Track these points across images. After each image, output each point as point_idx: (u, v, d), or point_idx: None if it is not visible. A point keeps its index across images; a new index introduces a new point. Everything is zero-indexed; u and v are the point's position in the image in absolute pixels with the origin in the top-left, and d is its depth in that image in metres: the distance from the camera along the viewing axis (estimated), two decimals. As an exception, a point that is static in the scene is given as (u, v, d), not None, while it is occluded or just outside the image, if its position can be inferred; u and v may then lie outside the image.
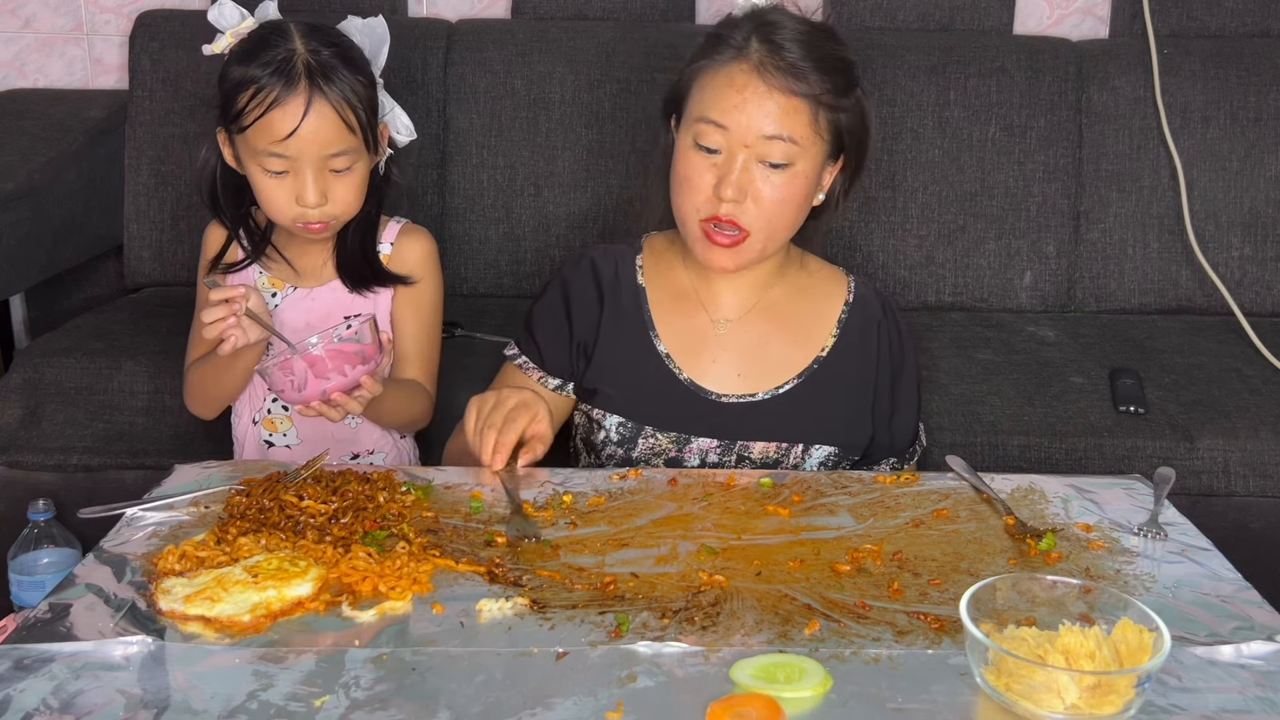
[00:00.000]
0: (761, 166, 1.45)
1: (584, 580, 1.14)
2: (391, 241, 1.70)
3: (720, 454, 1.55)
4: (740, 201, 1.45)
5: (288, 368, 1.41)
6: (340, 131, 1.54)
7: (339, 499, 1.25)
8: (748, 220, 1.46)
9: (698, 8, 2.66)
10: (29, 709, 0.93)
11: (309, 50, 1.54)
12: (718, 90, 1.45)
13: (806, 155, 1.46)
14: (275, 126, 1.52)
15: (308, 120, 1.52)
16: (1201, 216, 2.46)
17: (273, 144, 1.52)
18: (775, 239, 1.51)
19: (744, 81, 1.44)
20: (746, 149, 1.44)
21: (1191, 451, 1.97)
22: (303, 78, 1.52)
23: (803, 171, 1.47)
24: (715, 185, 1.45)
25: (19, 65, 2.73)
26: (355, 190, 1.60)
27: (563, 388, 1.59)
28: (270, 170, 1.55)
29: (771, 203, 1.46)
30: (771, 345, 1.58)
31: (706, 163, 1.47)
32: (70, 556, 1.77)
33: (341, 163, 1.56)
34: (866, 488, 1.37)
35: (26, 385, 2.05)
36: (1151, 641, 0.97)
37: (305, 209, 1.56)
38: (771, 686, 0.96)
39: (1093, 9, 2.69)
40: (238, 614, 1.05)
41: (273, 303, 1.67)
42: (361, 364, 1.43)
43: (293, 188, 1.55)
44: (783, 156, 1.45)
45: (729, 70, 1.45)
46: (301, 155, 1.53)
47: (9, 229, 2.15)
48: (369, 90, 1.59)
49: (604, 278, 1.60)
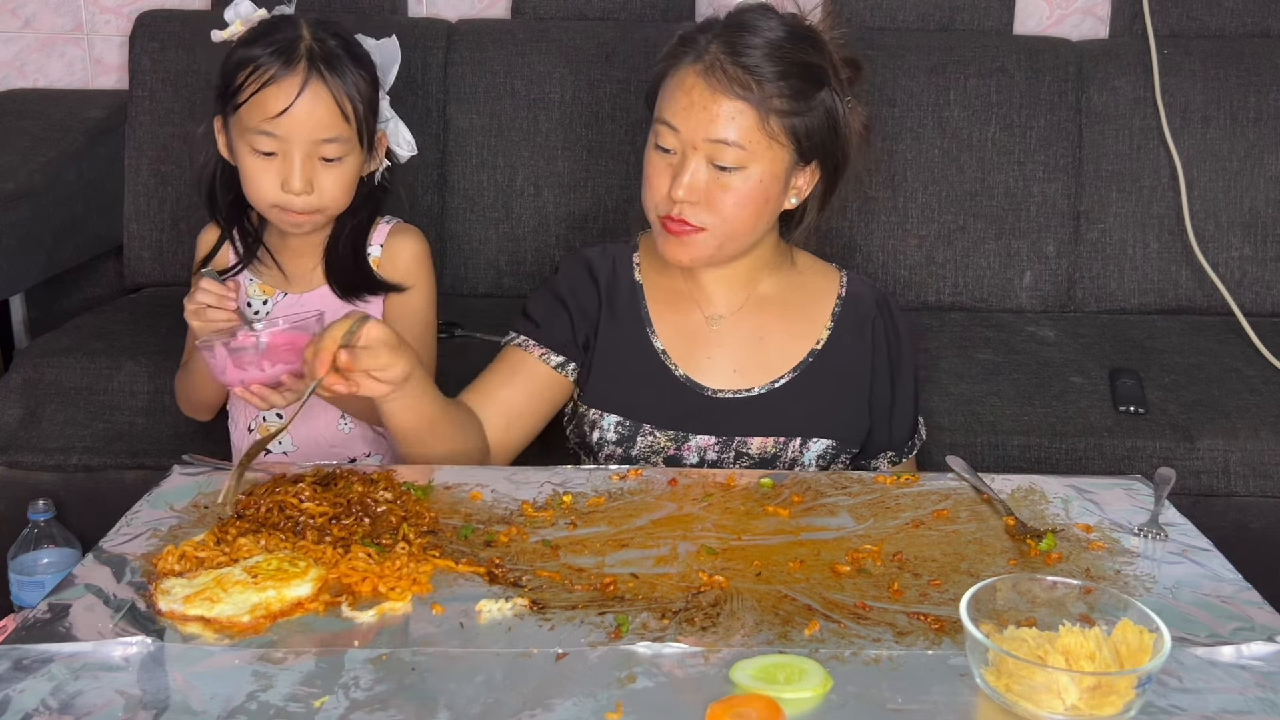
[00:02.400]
0: (711, 169, 1.46)
1: (584, 581, 1.14)
2: (381, 243, 1.68)
3: (719, 451, 1.55)
4: (693, 202, 1.47)
5: (210, 349, 1.40)
6: (334, 118, 1.54)
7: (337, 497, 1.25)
8: (699, 220, 1.48)
9: (698, 8, 2.66)
10: (28, 709, 0.93)
11: (314, 38, 1.54)
12: (671, 92, 1.48)
13: (760, 159, 1.46)
14: (268, 103, 1.51)
15: (302, 100, 1.51)
16: (1201, 216, 2.46)
17: (264, 121, 1.51)
18: (733, 239, 1.51)
19: (692, 84, 1.46)
20: (696, 150, 1.46)
21: (1191, 451, 1.97)
22: (303, 59, 1.52)
23: (757, 175, 1.47)
24: (670, 185, 1.47)
25: (19, 65, 2.73)
26: (343, 184, 1.58)
27: (564, 367, 1.58)
28: (259, 150, 1.54)
29: (724, 205, 1.47)
30: (766, 340, 1.59)
31: (664, 162, 1.49)
32: (70, 556, 1.77)
33: (332, 150, 1.55)
34: (866, 488, 1.37)
35: (26, 385, 2.05)
36: (1152, 642, 0.97)
37: (289, 195, 1.54)
38: (771, 687, 0.96)
39: (1093, 9, 2.69)
40: (237, 614, 1.05)
41: (264, 310, 1.67)
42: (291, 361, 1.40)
43: (279, 171, 1.54)
44: (733, 160, 1.46)
45: (682, 73, 1.47)
46: (291, 136, 1.52)
47: (9, 229, 2.15)
48: (370, 88, 1.59)
49: (602, 276, 1.60)
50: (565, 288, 1.60)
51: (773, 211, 1.53)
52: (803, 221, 1.59)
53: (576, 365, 1.58)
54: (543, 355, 1.57)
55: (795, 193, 1.54)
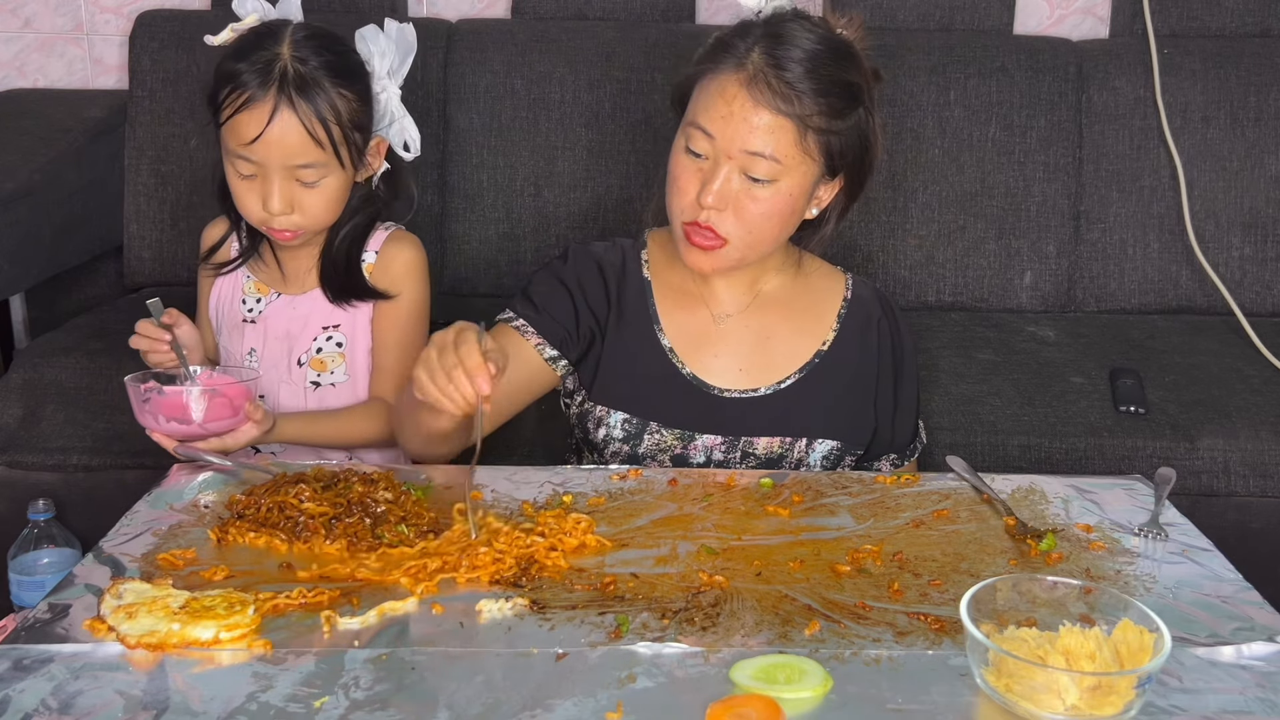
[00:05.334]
0: (744, 179, 1.45)
1: (584, 580, 1.14)
2: (377, 250, 1.68)
3: (725, 450, 1.55)
4: (721, 210, 1.45)
5: (133, 393, 1.44)
6: (305, 144, 1.53)
7: (337, 497, 1.25)
8: (726, 229, 1.47)
9: (698, 8, 2.66)
10: (28, 709, 0.93)
11: (294, 58, 1.53)
12: (710, 98, 1.46)
13: (792, 173, 1.46)
14: (242, 130, 1.52)
15: (271, 128, 1.51)
16: (1201, 216, 2.46)
17: (240, 146, 1.53)
18: (755, 249, 1.51)
19: (734, 93, 1.43)
20: (729, 160, 1.44)
21: (1191, 451, 1.97)
22: (275, 84, 1.52)
23: (787, 189, 1.46)
24: (699, 191, 1.46)
25: (19, 65, 2.73)
26: (325, 204, 1.59)
27: (555, 361, 1.56)
28: (240, 173, 1.56)
29: (752, 216, 1.46)
30: (772, 340, 1.59)
31: (694, 166, 1.47)
32: (70, 556, 1.77)
33: (309, 175, 1.56)
34: (867, 488, 1.37)
35: (26, 385, 2.05)
36: (1152, 642, 0.97)
37: (270, 215, 1.56)
38: (771, 687, 0.96)
39: (1093, 9, 2.69)
40: (130, 634, 1.02)
41: (257, 308, 1.68)
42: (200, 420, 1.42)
43: (260, 191, 1.56)
44: (766, 173, 1.44)
45: (723, 79, 1.45)
46: (267, 162, 1.54)
47: (9, 229, 2.15)
48: (354, 105, 1.58)
49: (611, 271, 1.59)
50: (573, 277, 1.58)
51: (795, 223, 1.53)
52: (819, 230, 1.58)
53: (569, 363, 1.57)
54: (538, 345, 1.55)
55: (816, 203, 1.54)
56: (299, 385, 1.68)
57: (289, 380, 1.68)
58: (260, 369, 1.66)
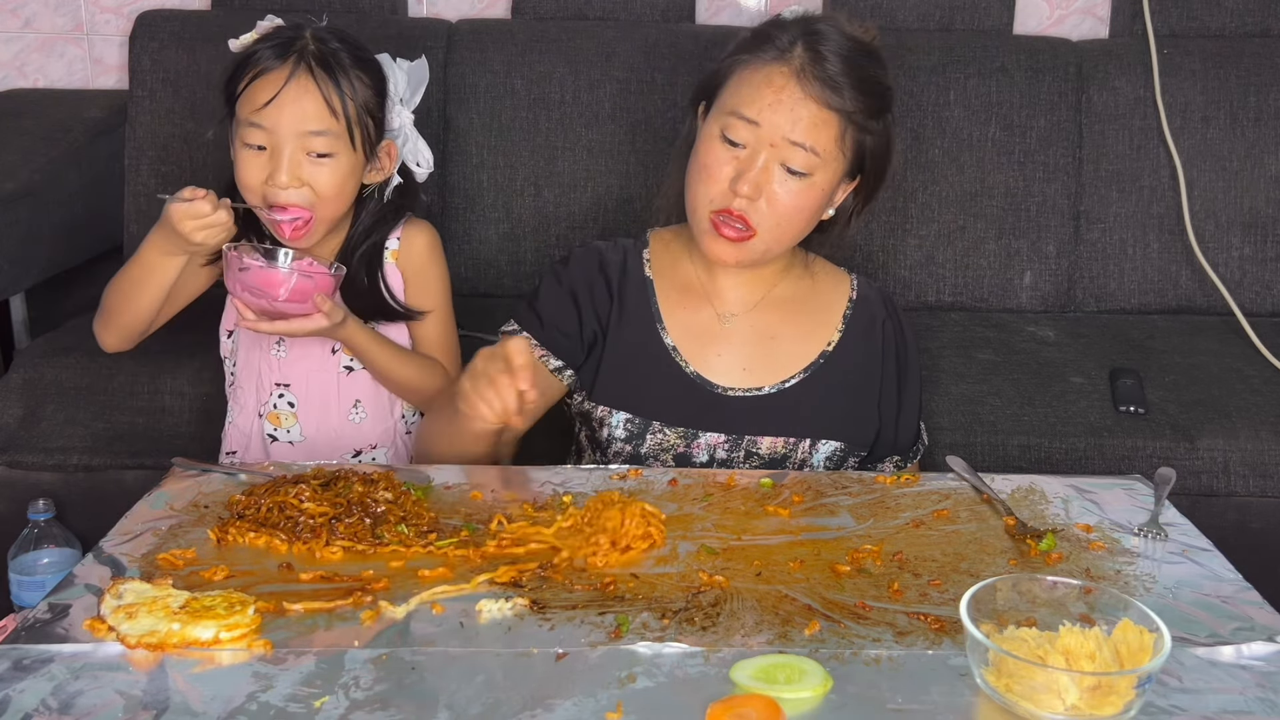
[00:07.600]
0: (781, 170, 1.46)
1: (584, 580, 1.14)
2: (399, 236, 1.71)
3: (729, 449, 1.55)
4: (754, 199, 1.46)
5: (232, 260, 1.48)
6: (320, 111, 1.54)
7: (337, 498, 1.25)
8: (757, 219, 1.47)
9: (698, 8, 2.66)
10: (28, 709, 0.93)
11: (316, 39, 1.56)
12: (755, 87, 1.46)
13: (826, 169, 1.47)
14: (256, 95, 1.53)
15: (287, 90, 1.52)
16: (1201, 216, 2.46)
17: (253, 113, 1.53)
18: (780, 243, 1.52)
19: (782, 83, 1.45)
20: (771, 149, 1.45)
21: (1191, 451, 1.97)
22: (294, 55, 1.53)
23: (819, 183, 1.48)
24: (733, 179, 1.46)
25: (19, 65, 2.73)
26: (335, 182, 1.57)
27: (562, 372, 1.57)
28: (249, 143, 1.55)
29: (784, 207, 1.47)
30: (777, 339, 1.59)
31: (729, 155, 1.47)
32: (70, 556, 1.77)
33: (320, 144, 1.55)
34: (866, 488, 1.37)
35: (26, 385, 2.05)
36: (1152, 642, 0.97)
37: (275, 189, 1.54)
38: (771, 687, 0.96)
39: (1093, 9, 2.69)
40: (130, 634, 1.02)
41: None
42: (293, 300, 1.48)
43: (267, 166, 1.55)
44: (803, 165, 1.45)
45: (769, 70, 1.46)
46: (278, 129, 1.53)
47: (9, 229, 2.15)
48: (371, 93, 1.59)
49: (613, 270, 1.60)
50: (578, 282, 1.59)
51: (816, 221, 1.54)
52: (829, 233, 1.59)
53: (574, 373, 1.57)
54: (543, 357, 1.56)
55: (833, 205, 1.55)
56: (333, 372, 1.69)
57: (323, 368, 1.69)
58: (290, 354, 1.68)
